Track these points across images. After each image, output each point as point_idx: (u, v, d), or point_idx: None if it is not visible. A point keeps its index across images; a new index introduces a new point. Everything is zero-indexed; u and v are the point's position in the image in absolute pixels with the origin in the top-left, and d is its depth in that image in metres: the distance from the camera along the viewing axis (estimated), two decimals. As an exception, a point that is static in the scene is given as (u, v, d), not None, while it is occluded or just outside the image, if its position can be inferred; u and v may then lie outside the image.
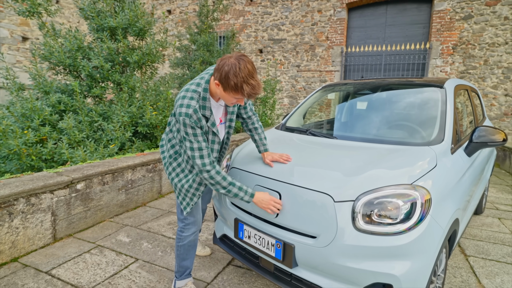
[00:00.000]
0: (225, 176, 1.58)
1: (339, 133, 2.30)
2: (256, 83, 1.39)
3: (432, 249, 1.41)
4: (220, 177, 1.56)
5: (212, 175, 1.55)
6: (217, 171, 1.57)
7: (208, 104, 1.54)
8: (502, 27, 7.08)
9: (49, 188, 2.47)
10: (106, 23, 4.86)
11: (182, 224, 1.83)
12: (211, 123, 1.57)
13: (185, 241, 1.83)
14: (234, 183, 1.60)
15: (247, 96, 1.41)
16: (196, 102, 1.50)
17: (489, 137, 1.94)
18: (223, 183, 1.57)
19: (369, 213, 1.40)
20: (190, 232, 1.83)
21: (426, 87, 2.35)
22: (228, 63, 1.38)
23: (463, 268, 2.31)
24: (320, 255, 1.43)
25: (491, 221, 3.26)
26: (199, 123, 1.51)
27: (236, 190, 1.59)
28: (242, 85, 1.37)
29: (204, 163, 1.54)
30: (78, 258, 2.32)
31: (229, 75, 1.37)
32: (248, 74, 1.37)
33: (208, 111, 1.54)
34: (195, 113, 1.49)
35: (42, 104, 4.31)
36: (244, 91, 1.38)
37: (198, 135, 1.52)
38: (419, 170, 1.54)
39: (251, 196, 1.60)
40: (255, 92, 1.40)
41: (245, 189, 1.61)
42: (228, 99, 1.48)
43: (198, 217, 1.86)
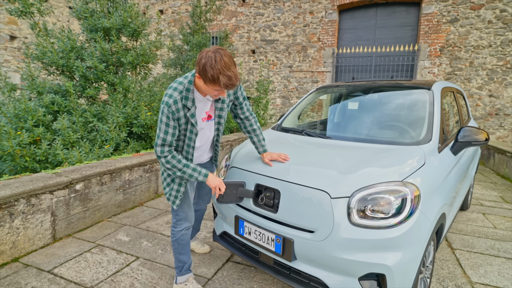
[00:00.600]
0: (180, 159, 1.68)
1: (333, 133, 2.40)
2: (232, 74, 1.45)
3: (421, 241, 1.52)
4: (175, 161, 1.67)
5: (168, 160, 1.66)
6: (173, 155, 1.67)
7: (191, 96, 1.62)
8: (486, 30, 7.35)
9: (49, 188, 2.50)
10: (100, 24, 4.86)
11: (175, 220, 1.93)
12: (191, 114, 1.65)
13: (177, 236, 1.92)
14: (188, 165, 1.70)
15: (224, 86, 1.47)
16: (178, 94, 1.58)
17: (473, 137, 2.08)
18: (178, 165, 1.68)
19: (363, 209, 1.50)
20: (182, 227, 1.91)
21: (415, 89, 2.47)
22: (205, 56, 1.45)
23: (449, 260, 2.45)
24: (318, 248, 1.52)
25: (476, 217, 3.43)
26: (176, 115, 1.60)
27: (190, 171, 1.70)
28: (218, 77, 1.43)
29: (162, 150, 1.65)
30: (79, 257, 2.36)
31: (206, 67, 1.44)
32: (225, 66, 1.43)
33: (190, 102, 1.62)
34: (175, 103, 1.57)
35: (35, 105, 4.29)
36: (221, 82, 1.44)
37: (170, 126, 1.62)
38: (408, 168, 1.65)
39: (205, 176, 1.73)
40: (231, 82, 1.46)
41: (199, 170, 1.72)
42: (210, 91, 1.56)
43: (190, 213, 1.94)
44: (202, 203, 2.27)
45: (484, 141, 2.06)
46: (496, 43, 7.32)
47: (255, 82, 9.06)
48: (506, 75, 7.34)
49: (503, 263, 2.42)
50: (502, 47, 7.29)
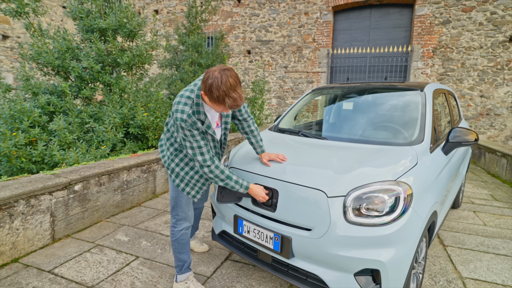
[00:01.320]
0: (223, 170, 1.75)
1: (329, 134, 2.47)
2: (237, 96, 1.49)
3: (414, 238, 1.58)
4: (218, 171, 1.73)
5: (212, 169, 1.72)
6: (216, 165, 1.73)
7: (202, 109, 1.66)
8: (477, 32, 7.51)
9: (48, 189, 2.52)
10: (96, 24, 4.86)
11: (174, 220, 1.97)
12: (207, 125, 1.70)
13: (177, 235, 1.96)
14: (231, 177, 1.77)
15: (229, 108, 1.53)
16: (189, 108, 1.61)
17: (463, 137, 2.15)
18: (221, 176, 1.74)
19: (358, 207, 1.56)
20: (182, 227, 1.96)
21: (408, 91, 2.55)
22: (211, 76, 1.48)
23: (441, 257, 2.53)
24: (315, 245, 1.58)
25: (467, 214, 3.53)
26: (195, 126, 1.64)
27: (233, 183, 1.77)
28: (224, 98, 1.48)
29: (205, 159, 1.70)
30: (79, 257, 2.38)
31: (212, 88, 1.47)
32: (230, 88, 1.47)
33: (202, 115, 1.67)
34: (189, 117, 1.60)
35: (31, 106, 4.28)
36: (226, 104, 1.49)
37: (196, 135, 1.66)
38: (402, 167, 1.71)
39: (245, 188, 1.79)
40: (236, 104, 1.51)
41: (241, 182, 1.79)
42: (215, 108, 1.61)
43: (190, 213, 1.98)
44: (200, 201, 2.31)
45: (474, 141, 2.14)
46: (487, 44, 7.48)
47: (250, 82, 9.12)
48: (497, 76, 7.50)
49: (492, 258, 2.51)
50: (492, 49, 7.45)
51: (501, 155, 5.40)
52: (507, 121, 7.60)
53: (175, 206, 1.96)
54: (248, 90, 9.42)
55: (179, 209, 1.95)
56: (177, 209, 1.95)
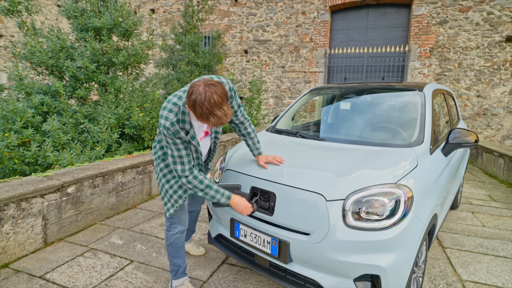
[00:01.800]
0: (202, 180, 1.67)
1: (327, 135, 2.43)
2: (222, 114, 1.39)
3: (414, 242, 1.55)
4: (197, 181, 1.66)
5: (189, 180, 1.65)
6: (195, 175, 1.65)
7: (188, 118, 1.57)
8: (474, 32, 7.51)
9: (40, 192, 2.45)
10: (90, 23, 4.78)
11: (168, 223, 1.92)
12: (191, 136, 1.62)
13: (171, 239, 1.91)
14: (211, 186, 1.69)
15: (213, 125, 1.43)
16: (174, 116, 1.54)
17: (463, 139, 2.12)
18: (200, 186, 1.67)
19: (358, 211, 1.52)
20: (176, 231, 1.91)
21: (407, 91, 2.52)
22: (195, 92, 1.38)
23: (441, 259, 2.50)
24: (314, 250, 1.54)
25: (466, 215, 3.51)
26: (177, 135, 1.56)
27: (213, 193, 1.69)
28: (208, 116, 1.38)
29: (184, 169, 1.63)
30: (71, 262, 2.32)
31: (195, 105, 1.37)
32: (215, 105, 1.36)
33: (187, 125, 1.58)
34: (172, 126, 1.53)
35: (24, 106, 4.20)
36: (210, 122, 1.40)
37: (178, 144, 1.59)
38: (402, 170, 1.68)
39: (227, 198, 1.71)
40: (221, 122, 1.41)
41: (222, 192, 1.71)
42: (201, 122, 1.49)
43: (184, 216, 1.93)
44: (196, 204, 2.26)
45: (474, 142, 2.11)
46: (483, 44, 7.49)
47: (247, 82, 9.07)
48: (493, 76, 7.52)
49: (492, 260, 2.49)
50: (489, 49, 7.47)
51: (498, 155, 5.40)
52: (504, 121, 7.62)
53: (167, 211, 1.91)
54: (245, 90, 9.37)
55: (173, 213, 1.90)
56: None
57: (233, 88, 1.77)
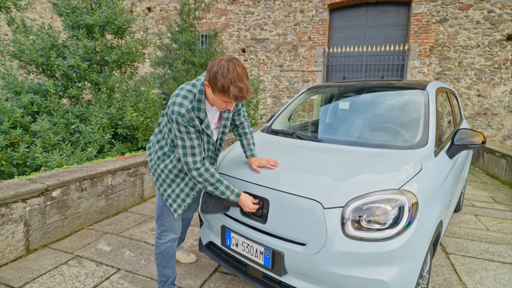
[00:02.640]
0: (213, 173, 1.58)
1: (325, 136, 2.30)
2: (244, 86, 1.36)
3: (420, 253, 1.42)
4: (208, 174, 1.56)
5: (201, 173, 1.55)
6: (206, 168, 1.56)
7: (203, 107, 1.51)
8: (474, 31, 7.40)
9: (21, 197, 2.32)
10: (82, 21, 4.64)
11: (159, 231, 1.80)
12: (205, 125, 1.55)
13: (162, 248, 1.79)
14: (221, 181, 1.60)
15: (233, 98, 1.37)
16: (189, 102, 1.47)
17: (470, 140, 2.00)
18: (211, 179, 1.57)
19: (358, 219, 1.40)
20: (167, 239, 1.78)
21: (409, 89, 2.39)
22: (217, 64, 1.36)
23: (444, 266, 2.38)
24: (310, 262, 1.41)
25: (469, 218, 3.39)
26: (192, 123, 1.48)
27: (223, 188, 1.59)
28: (229, 87, 1.34)
29: (195, 160, 1.53)
30: (54, 271, 2.19)
31: (217, 76, 1.34)
32: (237, 77, 1.34)
33: (202, 113, 1.52)
34: (188, 112, 1.46)
35: (13, 105, 4.06)
36: (231, 93, 1.35)
37: (191, 133, 1.50)
38: (405, 174, 1.55)
39: (237, 195, 1.61)
40: (242, 95, 1.36)
41: (232, 189, 1.61)
42: (217, 102, 1.45)
43: (177, 224, 1.81)
44: (189, 211, 2.13)
45: (481, 144, 1.99)
46: (484, 43, 7.38)
47: (245, 81, 8.93)
48: (494, 75, 7.41)
49: (498, 267, 2.37)
50: (489, 47, 7.36)
51: (500, 155, 5.29)
52: (504, 121, 7.52)
53: (161, 216, 1.78)
54: (243, 89, 9.24)
55: (165, 219, 1.77)
56: (163, 218, 1.77)
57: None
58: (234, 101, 1.41)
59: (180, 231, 1.85)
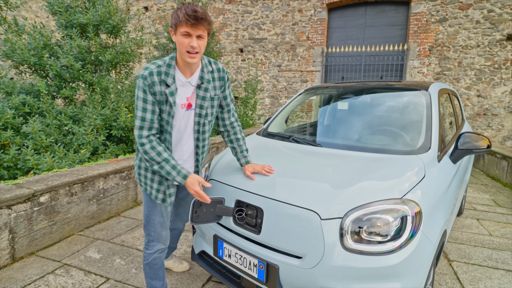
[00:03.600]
0: (161, 152, 1.48)
1: (323, 140, 2.21)
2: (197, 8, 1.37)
3: (424, 267, 1.33)
4: (154, 153, 1.47)
5: (146, 150, 1.47)
6: (153, 146, 1.48)
7: (172, 72, 1.49)
8: (474, 31, 7.33)
9: (6, 203, 2.22)
10: (75, 19, 4.54)
11: (146, 240, 1.71)
12: (170, 91, 1.47)
13: (149, 259, 1.70)
14: (168, 160, 1.49)
15: (185, 18, 1.34)
16: (156, 67, 1.47)
17: (474, 144, 1.92)
18: (157, 158, 1.48)
19: (358, 231, 1.31)
20: (154, 250, 1.69)
21: (411, 91, 2.30)
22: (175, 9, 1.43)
23: (447, 274, 2.29)
24: (307, 277, 1.32)
25: (470, 223, 3.31)
26: (152, 88, 1.45)
27: (169, 168, 1.49)
28: (179, 9, 1.37)
29: (141, 134, 1.47)
30: (40, 281, 2.09)
31: (173, 14, 1.42)
32: (191, 5, 1.38)
33: (170, 79, 1.48)
34: (150, 75, 1.44)
35: (4, 106, 3.96)
36: (184, 15, 1.34)
37: (147, 102, 1.45)
38: (408, 182, 1.46)
39: (184, 177, 1.49)
40: (196, 15, 1.34)
41: (179, 169, 1.49)
42: (181, 42, 1.41)
43: (164, 233, 1.71)
44: (180, 221, 2.02)
45: (486, 148, 1.90)
46: (484, 43, 7.31)
47: (243, 81, 8.84)
48: (494, 75, 7.34)
49: (503, 276, 2.29)
50: (489, 47, 7.28)
51: (501, 157, 5.22)
52: (505, 121, 7.45)
53: (147, 225, 1.69)
54: (241, 89, 9.15)
55: (151, 228, 1.68)
56: (149, 228, 1.68)
57: (228, 77, 1.71)
58: (189, 26, 1.36)
59: (168, 241, 1.76)
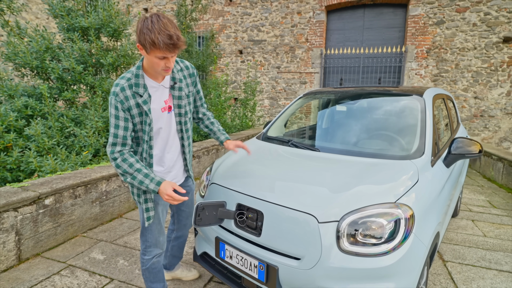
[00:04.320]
0: (133, 164, 1.48)
1: (321, 145, 2.27)
2: (173, 33, 1.30)
3: (416, 268, 1.40)
4: (126, 165, 1.47)
5: (118, 163, 1.47)
6: (124, 158, 1.47)
7: (142, 81, 1.48)
8: (471, 33, 7.41)
9: (13, 205, 2.28)
10: (77, 23, 4.59)
11: (143, 246, 1.74)
12: (143, 100, 1.48)
13: (148, 264, 1.74)
14: (140, 169, 1.48)
15: (164, 48, 1.30)
16: (126, 81, 1.46)
17: (466, 149, 1.98)
18: (129, 170, 1.47)
19: (354, 233, 1.37)
20: (152, 255, 1.73)
21: (406, 97, 2.37)
22: (141, 21, 1.33)
23: (441, 274, 2.36)
24: (305, 277, 1.39)
25: (466, 224, 3.38)
26: (126, 104, 1.44)
27: (141, 177, 1.47)
28: (157, 37, 1.28)
29: (113, 150, 1.48)
30: (46, 281, 2.15)
31: (143, 31, 1.31)
32: (163, 26, 1.29)
33: (141, 89, 1.47)
34: (122, 91, 1.44)
35: (6, 109, 4.01)
36: (161, 43, 1.29)
37: (120, 119, 1.45)
38: (402, 187, 1.53)
39: (157, 184, 1.47)
40: (172, 42, 1.30)
41: (152, 177, 1.48)
42: (155, 63, 1.38)
43: (161, 239, 1.75)
44: (183, 228, 2.03)
45: (478, 153, 1.97)
46: (480, 45, 7.39)
47: (242, 83, 8.91)
48: (490, 77, 7.42)
49: (495, 276, 2.36)
50: (486, 50, 7.37)
51: (497, 158, 5.30)
52: (501, 123, 7.54)
53: (143, 231, 1.72)
54: (240, 91, 9.21)
55: (148, 234, 1.71)
56: (146, 234, 1.71)
57: (196, 72, 1.75)
58: (167, 52, 1.33)
59: (164, 246, 1.79)
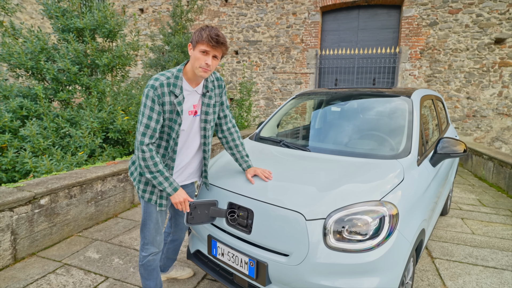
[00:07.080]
0: (157, 163, 1.56)
1: (312, 145, 2.33)
2: (220, 33, 1.48)
3: (400, 263, 1.46)
4: (151, 162, 1.55)
5: (145, 157, 1.54)
6: (152, 156, 1.55)
7: (180, 83, 1.57)
8: (464, 34, 7.52)
9: (8, 205, 2.30)
10: (72, 24, 4.61)
11: (142, 242, 1.81)
12: (178, 101, 1.56)
13: (144, 260, 1.80)
14: (162, 172, 1.58)
15: (208, 40, 1.45)
16: (165, 78, 1.54)
17: (452, 148, 2.05)
18: (152, 168, 1.56)
19: (340, 230, 1.43)
20: (149, 253, 1.79)
21: (395, 98, 2.43)
22: (198, 29, 1.53)
23: (429, 271, 2.43)
24: (293, 273, 1.44)
25: (455, 222, 3.46)
26: (161, 98, 1.52)
27: (162, 179, 1.58)
28: (204, 32, 1.46)
29: (143, 141, 1.54)
30: (41, 280, 2.18)
31: (197, 32, 1.51)
32: (214, 30, 1.49)
33: (178, 89, 1.56)
34: (161, 86, 1.52)
35: (1, 110, 4.03)
36: (207, 36, 1.45)
37: (154, 111, 1.52)
38: (387, 185, 1.59)
39: (173, 189, 1.60)
40: (218, 39, 1.46)
41: (171, 181, 1.60)
42: (197, 58, 1.50)
43: (158, 238, 1.80)
44: (180, 231, 2.08)
45: (462, 152, 2.04)
46: (473, 46, 7.51)
47: (238, 83, 8.95)
48: (483, 78, 7.54)
49: (481, 272, 2.43)
50: (478, 51, 7.48)
51: (488, 158, 5.39)
52: (493, 123, 7.66)
53: (143, 228, 1.79)
54: (236, 91, 9.25)
55: (146, 231, 1.77)
56: (145, 231, 1.78)
57: (224, 84, 1.83)
58: (210, 46, 1.47)
59: (161, 246, 1.84)
